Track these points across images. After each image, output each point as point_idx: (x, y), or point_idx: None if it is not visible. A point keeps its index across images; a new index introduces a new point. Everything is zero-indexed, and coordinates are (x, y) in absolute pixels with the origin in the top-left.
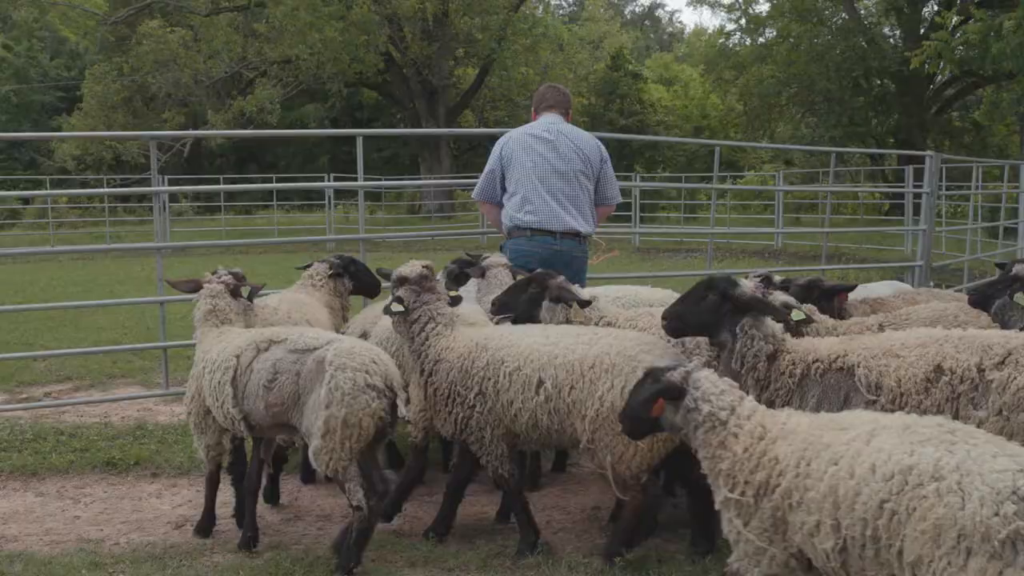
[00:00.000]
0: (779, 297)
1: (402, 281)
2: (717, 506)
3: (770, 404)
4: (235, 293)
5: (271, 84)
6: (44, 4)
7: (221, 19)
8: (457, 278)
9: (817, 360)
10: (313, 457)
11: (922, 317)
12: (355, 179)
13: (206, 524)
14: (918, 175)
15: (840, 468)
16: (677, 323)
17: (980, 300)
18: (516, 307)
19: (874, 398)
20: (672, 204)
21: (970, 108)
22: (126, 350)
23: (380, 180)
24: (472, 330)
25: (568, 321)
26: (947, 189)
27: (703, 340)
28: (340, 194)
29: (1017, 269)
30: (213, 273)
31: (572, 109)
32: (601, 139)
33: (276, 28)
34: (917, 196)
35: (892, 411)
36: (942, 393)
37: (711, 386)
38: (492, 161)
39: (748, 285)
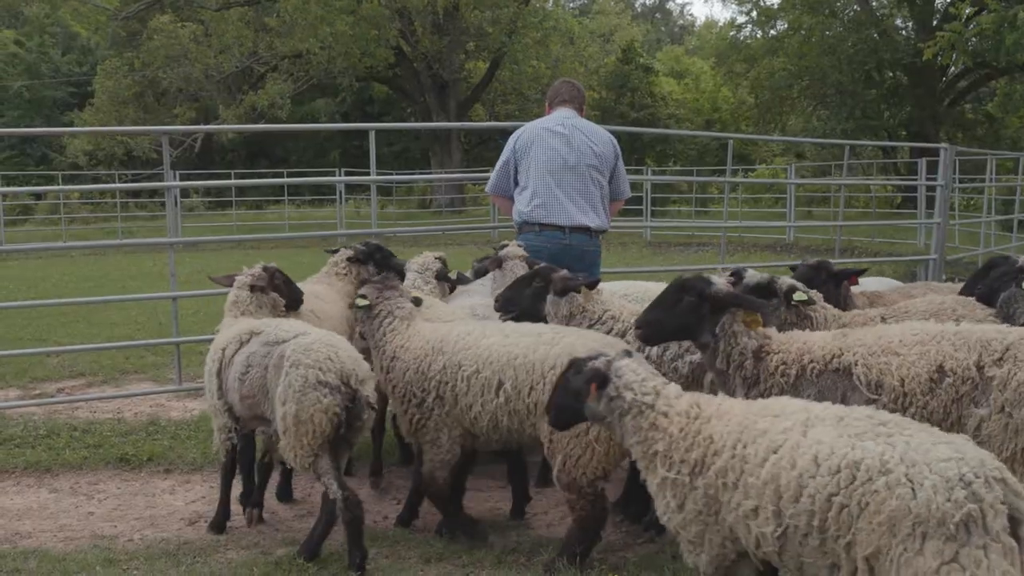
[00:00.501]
0: (786, 281)
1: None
2: (652, 490)
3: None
4: (256, 288)
5: (282, 79)
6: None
7: (232, 14)
8: (478, 273)
9: (812, 361)
10: (281, 452)
11: (920, 310)
12: (366, 173)
13: (220, 519)
14: (931, 168)
15: (781, 457)
16: (654, 330)
17: (986, 295)
18: (520, 302)
19: (875, 397)
20: (683, 198)
21: (983, 100)
22: (139, 346)
23: (391, 175)
24: (429, 329)
25: (572, 315)
26: (960, 182)
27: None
28: (351, 189)
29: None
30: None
31: (586, 104)
32: (612, 132)
33: (287, 22)
34: (930, 189)
35: (894, 411)
36: (947, 395)
37: (633, 374)
38: (505, 154)
39: (721, 281)
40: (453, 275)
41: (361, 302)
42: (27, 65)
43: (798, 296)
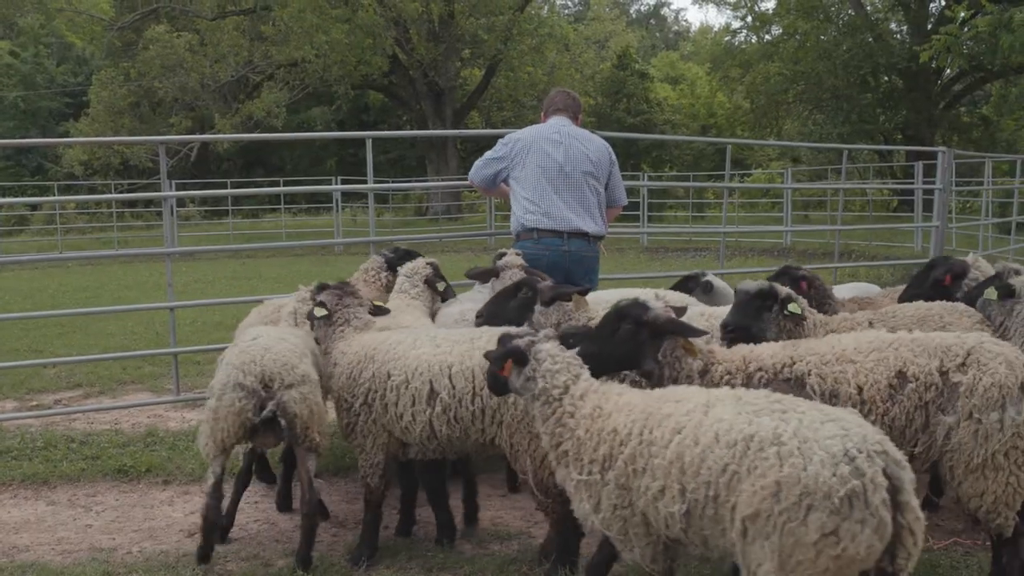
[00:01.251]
0: (783, 289)
1: (323, 287)
2: (568, 489)
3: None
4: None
5: (278, 87)
6: (50, 10)
7: (227, 23)
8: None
9: (760, 369)
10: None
11: (908, 315)
12: (363, 181)
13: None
14: (927, 171)
15: (685, 437)
16: (594, 363)
17: (969, 300)
18: (505, 315)
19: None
20: (680, 203)
21: (978, 103)
22: (136, 356)
23: (388, 182)
24: (368, 337)
25: (560, 325)
26: (956, 185)
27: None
28: (347, 197)
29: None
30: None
31: (582, 112)
32: (608, 138)
33: (282, 31)
34: (927, 192)
35: None
36: (910, 401)
37: (551, 361)
38: (498, 151)
39: (659, 305)
40: (442, 286)
41: (319, 312)
42: (22, 76)
43: (792, 308)
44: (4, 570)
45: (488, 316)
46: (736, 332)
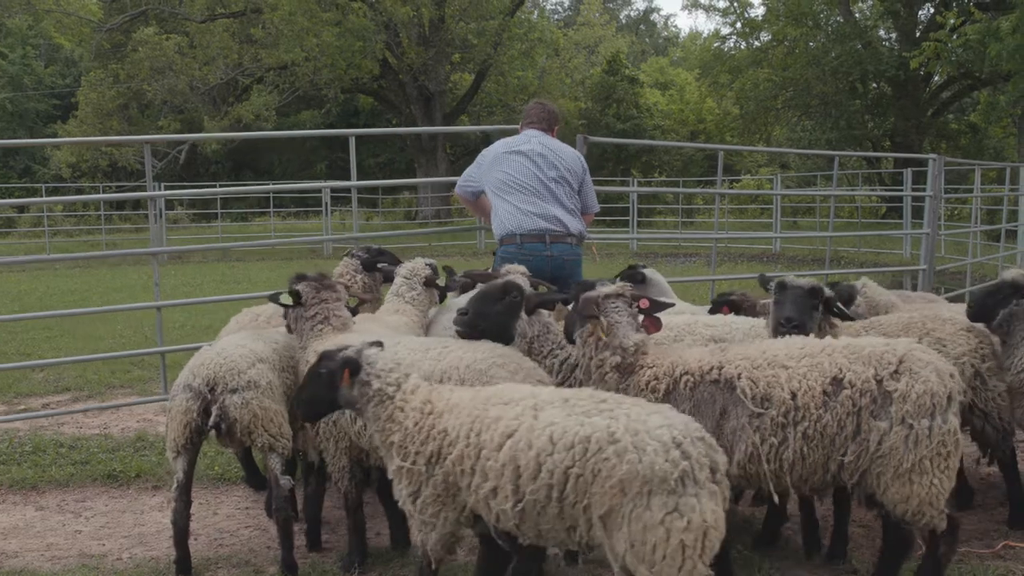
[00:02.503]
0: (827, 291)
1: (301, 278)
2: (390, 475)
3: None
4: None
5: (267, 90)
6: (39, 11)
7: (216, 25)
8: (463, 288)
9: (687, 373)
10: None
11: (892, 323)
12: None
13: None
14: (916, 178)
15: (518, 440)
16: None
17: (981, 312)
18: (490, 316)
19: (761, 411)
20: (669, 208)
21: (966, 111)
22: (125, 356)
23: (376, 182)
24: (342, 338)
25: (536, 337)
26: (944, 192)
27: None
28: (336, 201)
29: (1014, 276)
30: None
31: (559, 123)
32: (599, 144)
33: (272, 34)
34: (916, 199)
35: (784, 424)
36: (844, 407)
37: (382, 363)
38: (472, 169)
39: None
40: (443, 282)
41: (285, 300)
42: (10, 77)
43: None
44: None
45: (474, 315)
46: (798, 327)
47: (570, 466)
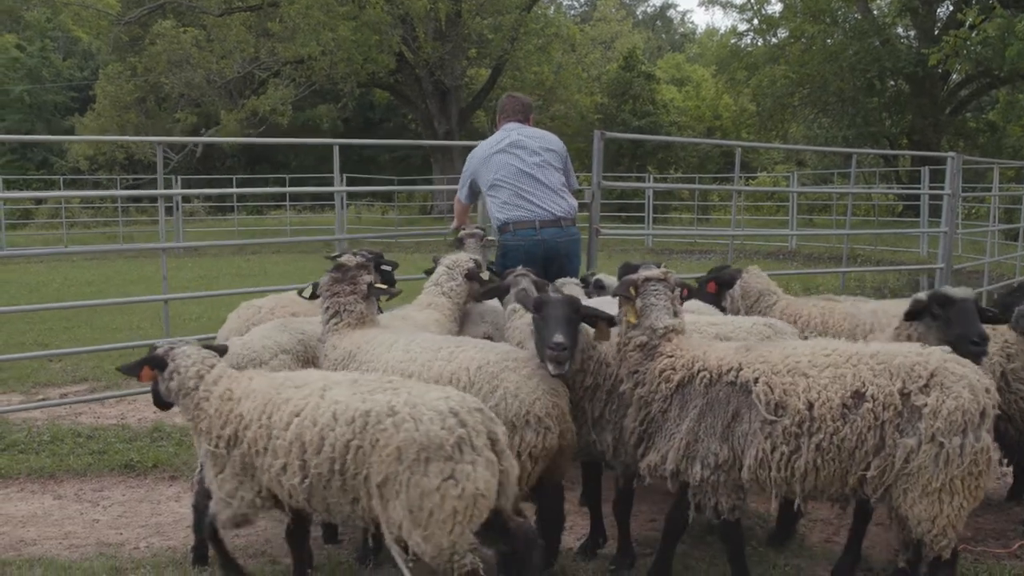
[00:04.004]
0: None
1: (336, 268)
2: (201, 459)
3: (646, 404)
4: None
5: (284, 84)
6: (57, 4)
7: (234, 19)
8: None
9: (704, 369)
10: None
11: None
12: (368, 180)
13: None
14: (934, 176)
15: (304, 418)
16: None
17: (1000, 312)
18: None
19: (774, 418)
20: (684, 205)
21: (984, 109)
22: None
23: (391, 180)
24: (359, 334)
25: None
26: (962, 191)
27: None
28: (352, 195)
29: None
30: None
31: (533, 112)
32: (615, 140)
33: (289, 27)
34: (933, 198)
35: (798, 434)
36: (864, 421)
37: (185, 359)
38: (463, 174)
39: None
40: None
41: (306, 292)
42: (28, 69)
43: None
44: (11, 564)
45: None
46: (986, 340)
47: (351, 439)
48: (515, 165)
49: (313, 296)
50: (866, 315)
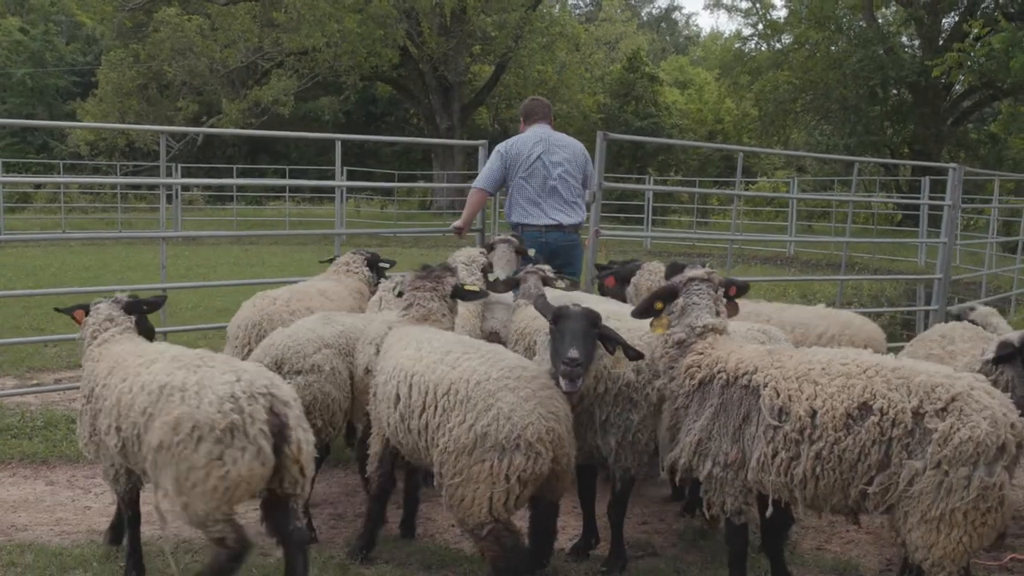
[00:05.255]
0: None
1: (422, 268)
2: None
3: (673, 399)
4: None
5: (287, 75)
6: None
7: (239, 8)
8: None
9: (723, 371)
10: None
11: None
12: (368, 174)
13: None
14: (934, 186)
15: (128, 386)
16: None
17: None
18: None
19: (777, 424)
20: (684, 208)
21: (986, 121)
22: None
23: (394, 176)
24: (411, 329)
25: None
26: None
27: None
28: (351, 188)
29: None
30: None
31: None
32: (616, 140)
33: (294, 18)
34: (933, 208)
35: (799, 441)
36: (869, 435)
37: (96, 314)
38: (496, 162)
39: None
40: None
41: (396, 291)
42: (31, 53)
43: None
44: (2, 549)
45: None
46: None
47: (147, 407)
48: (542, 175)
49: (400, 294)
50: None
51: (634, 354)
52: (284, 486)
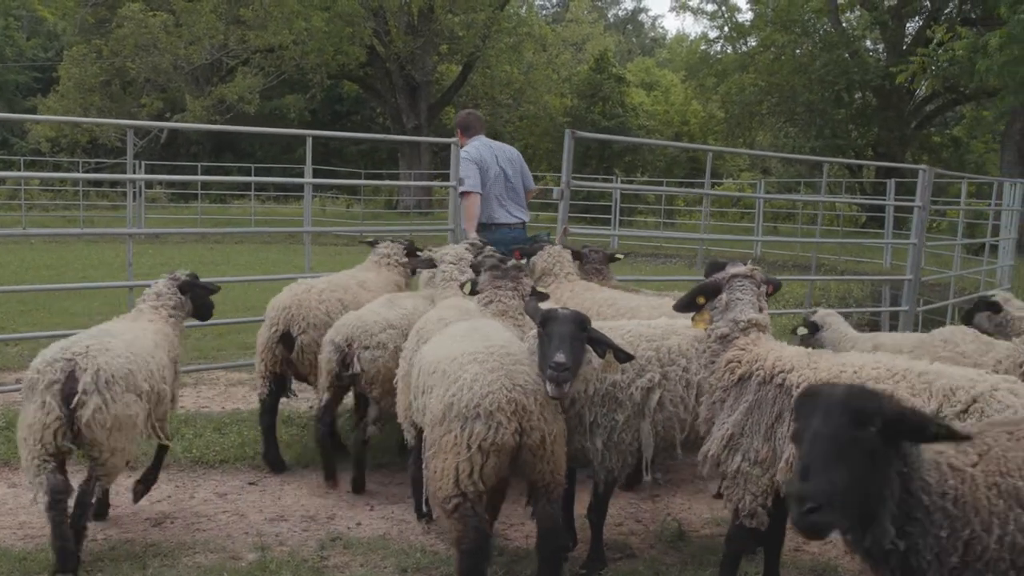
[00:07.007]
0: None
1: (480, 267)
2: None
3: (711, 391)
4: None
5: (252, 73)
6: None
7: (204, 5)
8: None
9: (760, 369)
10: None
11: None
12: (334, 173)
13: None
14: (900, 189)
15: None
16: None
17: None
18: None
19: None
20: (650, 208)
21: (949, 124)
22: None
23: (360, 174)
24: (433, 314)
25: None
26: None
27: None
28: (317, 186)
29: None
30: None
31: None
32: (583, 140)
33: (261, 15)
34: (899, 210)
35: None
36: None
37: None
38: (472, 167)
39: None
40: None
41: (467, 287)
42: None
43: None
44: None
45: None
46: None
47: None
48: (503, 180)
49: (473, 292)
50: (629, 308)
51: (624, 356)
52: (86, 449)
